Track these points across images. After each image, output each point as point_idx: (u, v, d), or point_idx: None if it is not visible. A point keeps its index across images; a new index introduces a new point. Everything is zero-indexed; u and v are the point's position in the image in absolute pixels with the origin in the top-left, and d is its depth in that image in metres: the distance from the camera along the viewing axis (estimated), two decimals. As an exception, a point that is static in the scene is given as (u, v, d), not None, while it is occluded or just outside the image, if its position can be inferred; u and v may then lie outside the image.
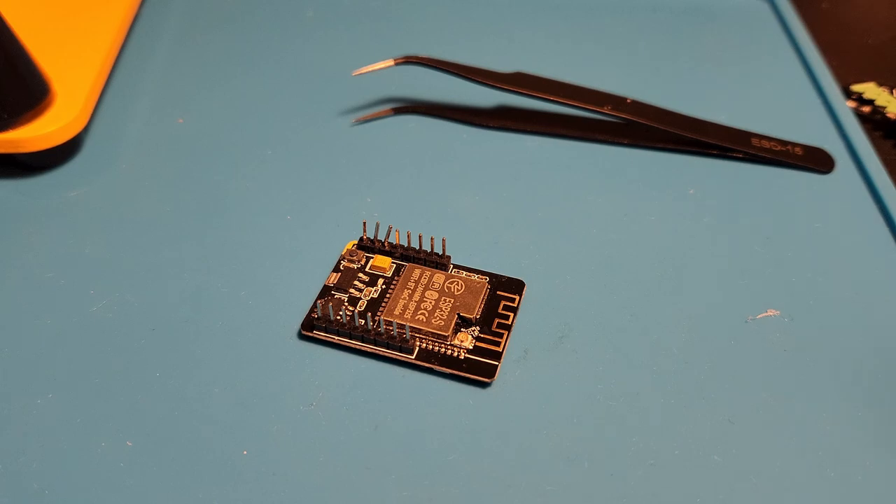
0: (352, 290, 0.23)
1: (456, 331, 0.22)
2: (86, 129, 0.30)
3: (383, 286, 0.23)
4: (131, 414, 0.20)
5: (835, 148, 0.30)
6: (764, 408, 0.21)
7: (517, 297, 0.23)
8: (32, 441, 0.20)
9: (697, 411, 0.21)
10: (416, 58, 0.30)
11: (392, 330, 0.22)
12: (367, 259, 0.24)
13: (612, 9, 0.38)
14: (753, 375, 0.22)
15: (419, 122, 0.31)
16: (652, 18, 0.38)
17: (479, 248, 0.26)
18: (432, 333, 0.22)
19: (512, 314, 0.23)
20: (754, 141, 0.30)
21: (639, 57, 0.35)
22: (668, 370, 0.22)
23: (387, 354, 0.22)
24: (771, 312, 0.24)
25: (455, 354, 0.22)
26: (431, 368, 0.21)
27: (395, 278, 0.23)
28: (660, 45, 0.36)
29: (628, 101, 0.30)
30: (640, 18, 0.38)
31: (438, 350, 0.22)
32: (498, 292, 0.23)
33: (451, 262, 0.24)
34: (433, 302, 0.22)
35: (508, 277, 0.24)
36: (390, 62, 0.30)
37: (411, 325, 0.22)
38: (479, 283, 0.23)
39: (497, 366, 0.21)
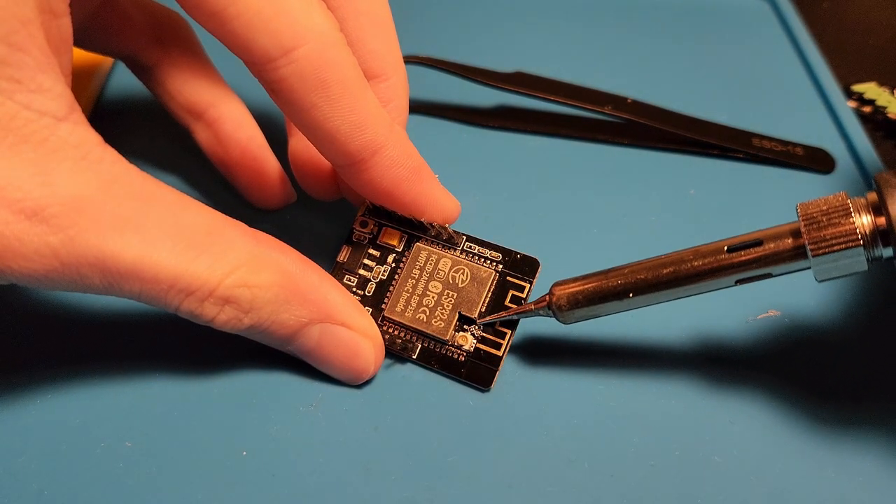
0: (361, 271, 0.23)
1: (457, 330, 0.22)
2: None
3: (393, 263, 0.23)
4: (131, 414, 0.20)
5: (836, 148, 0.30)
6: (764, 408, 0.21)
7: (527, 286, 0.22)
8: (32, 441, 0.20)
9: (697, 411, 0.21)
10: (416, 57, 0.30)
11: (392, 330, 0.22)
12: (379, 228, 0.23)
13: (612, 9, 0.38)
14: (754, 376, 0.22)
15: (419, 122, 0.31)
16: (652, 18, 0.38)
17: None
18: (432, 336, 0.22)
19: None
20: (755, 141, 0.30)
21: (639, 57, 0.35)
22: (669, 371, 0.22)
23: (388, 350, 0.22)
24: (771, 313, 0.24)
25: (455, 356, 0.21)
26: (432, 368, 0.22)
27: (406, 253, 0.23)
28: (660, 45, 0.36)
29: (628, 101, 0.30)
30: (640, 18, 0.38)
31: (438, 351, 0.22)
32: (508, 278, 0.22)
33: (464, 240, 0.23)
34: (435, 297, 0.22)
35: (523, 255, 0.22)
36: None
37: (412, 325, 0.22)
38: (485, 273, 0.22)
39: (496, 372, 0.21)
